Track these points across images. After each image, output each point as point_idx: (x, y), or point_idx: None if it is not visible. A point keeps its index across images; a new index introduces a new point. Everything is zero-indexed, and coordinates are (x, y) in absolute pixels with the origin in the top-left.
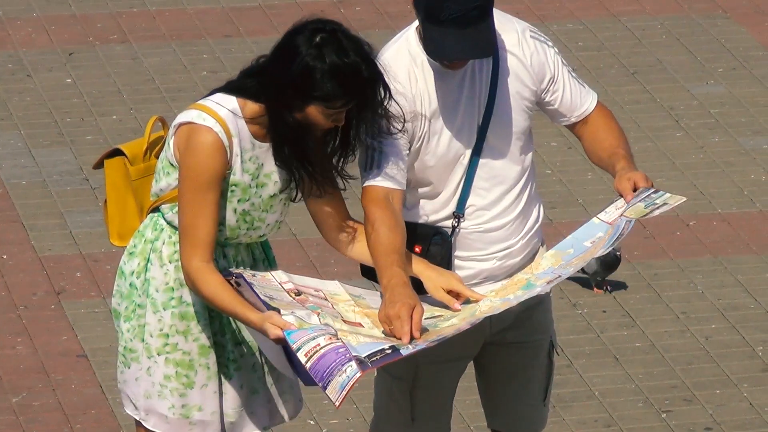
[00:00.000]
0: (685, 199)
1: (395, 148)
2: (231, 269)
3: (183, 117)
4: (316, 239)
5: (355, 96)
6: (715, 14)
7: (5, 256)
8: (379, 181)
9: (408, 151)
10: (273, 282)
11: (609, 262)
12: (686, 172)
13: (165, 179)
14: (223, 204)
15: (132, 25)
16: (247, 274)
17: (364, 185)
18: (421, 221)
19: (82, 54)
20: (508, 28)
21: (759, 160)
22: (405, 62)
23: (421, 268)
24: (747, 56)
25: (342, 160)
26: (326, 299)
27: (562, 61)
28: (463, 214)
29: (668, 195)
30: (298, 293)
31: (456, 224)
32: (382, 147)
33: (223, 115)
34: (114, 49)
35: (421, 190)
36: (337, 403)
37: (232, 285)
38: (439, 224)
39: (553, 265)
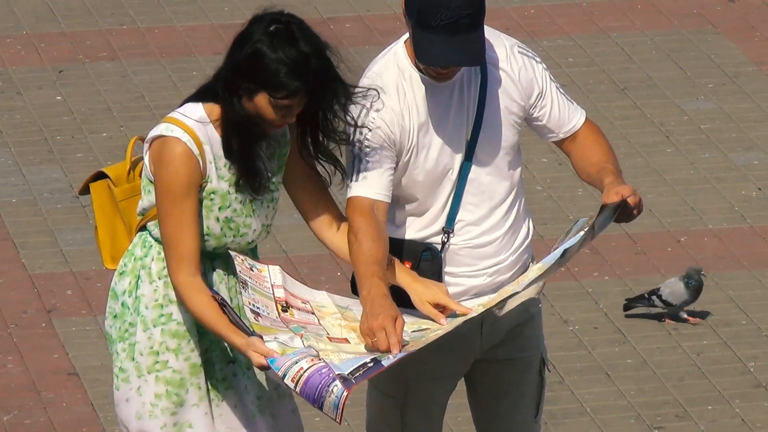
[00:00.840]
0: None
1: (381, 160)
2: (216, 291)
3: (153, 132)
4: (307, 256)
5: (302, 87)
6: (705, 30)
7: None
8: (363, 192)
9: (395, 165)
10: (266, 282)
11: (696, 287)
12: (677, 188)
13: (147, 197)
14: (205, 214)
15: (121, 43)
16: (245, 267)
17: (349, 196)
18: (410, 237)
19: (72, 71)
20: (497, 43)
21: (749, 176)
22: (393, 75)
23: (408, 280)
24: (737, 72)
25: (322, 148)
26: (313, 312)
27: (551, 77)
28: (453, 230)
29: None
30: (286, 308)
31: (446, 240)
32: (368, 158)
33: (190, 124)
34: (104, 67)
35: (409, 206)
36: (337, 420)
37: (217, 303)
38: (429, 240)
39: (536, 271)
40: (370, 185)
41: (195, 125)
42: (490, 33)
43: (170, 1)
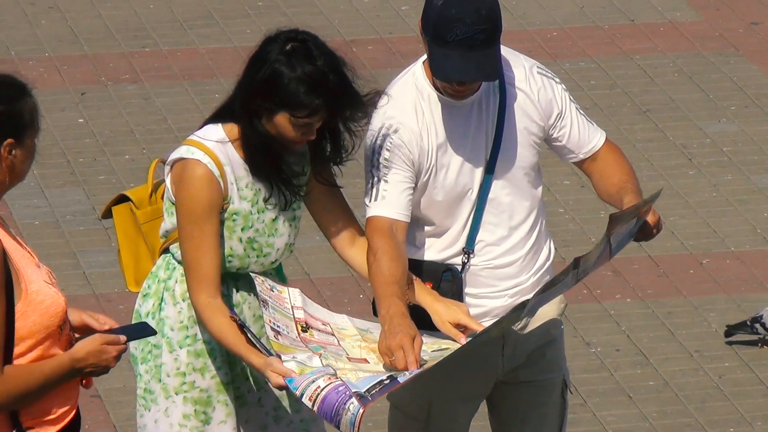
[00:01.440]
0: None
1: (400, 180)
2: (235, 312)
3: (174, 154)
4: (330, 278)
5: (322, 105)
6: (728, 52)
7: None
8: (382, 212)
9: (414, 184)
10: (286, 303)
11: None
12: (699, 210)
13: (169, 219)
14: (228, 235)
15: (144, 65)
16: (265, 287)
17: (368, 216)
18: (430, 258)
19: (94, 94)
20: (516, 64)
21: None
22: (411, 96)
23: (429, 300)
24: (759, 94)
25: (338, 159)
26: (333, 334)
27: (570, 98)
28: (473, 250)
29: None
30: (305, 328)
31: (466, 260)
32: (387, 178)
33: (210, 146)
34: (126, 89)
35: (429, 227)
36: None
37: (237, 324)
38: (449, 261)
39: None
40: (389, 205)
41: (215, 147)
42: (509, 53)
43: (193, 23)
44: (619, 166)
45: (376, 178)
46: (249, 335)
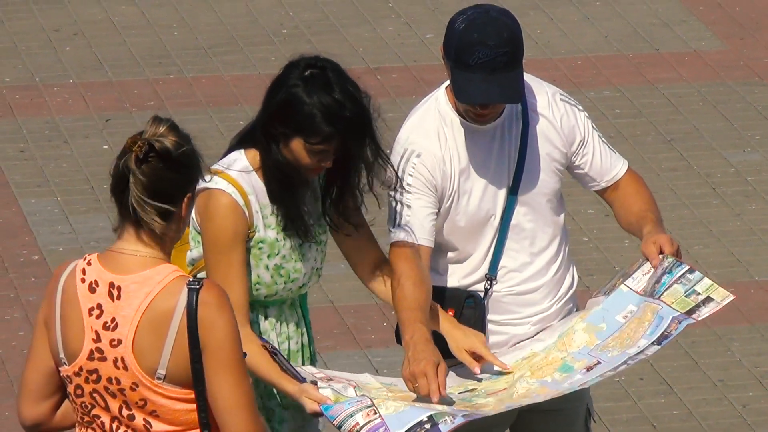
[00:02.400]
0: (733, 297)
1: (423, 205)
2: (265, 339)
3: (199, 184)
4: (354, 306)
5: (336, 133)
6: (752, 81)
7: None
8: (406, 238)
9: (437, 210)
10: (304, 373)
11: None
12: (723, 240)
13: (196, 248)
14: (255, 263)
15: (168, 92)
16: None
17: (392, 241)
18: (453, 285)
19: (119, 120)
20: (539, 90)
21: None
22: (434, 120)
23: (447, 327)
24: None
25: (341, 205)
26: (358, 387)
27: (593, 126)
28: (496, 277)
29: (709, 282)
30: (331, 379)
31: (488, 287)
32: (410, 203)
33: (234, 175)
34: (150, 116)
35: (452, 253)
36: None
37: (268, 351)
38: (472, 287)
39: (588, 344)
40: (412, 230)
41: (239, 176)
42: (532, 80)
43: (217, 50)
44: (640, 195)
45: (399, 204)
46: (282, 362)
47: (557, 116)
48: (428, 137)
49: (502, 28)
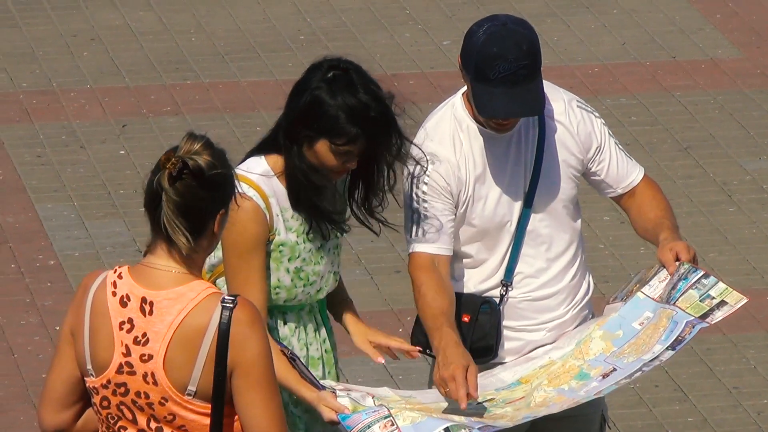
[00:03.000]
0: (746, 300)
1: (439, 213)
2: (284, 345)
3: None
4: (369, 312)
5: (361, 134)
6: None
7: (58, 328)
8: (424, 248)
9: (453, 216)
10: (324, 382)
11: None
12: (739, 247)
13: (215, 253)
14: (275, 266)
15: (185, 97)
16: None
17: (410, 252)
18: (469, 291)
19: (136, 126)
20: (556, 97)
21: None
22: (450, 126)
23: (349, 320)
24: None
25: (367, 204)
26: (377, 397)
27: (609, 133)
28: (511, 283)
29: (723, 286)
30: (349, 390)
31: (504, 293)
32: (426, 212)
33: (254, 179)
34: (167, 121)
35: (467, 259)
36: None
37: (287, 357)
38: (487, 293)
39: (604, 351)
40: (430, 240)
41: (259, 179)
42: (548, 87)
43: (234, 56)
44: (656, 202)
45: (415, 213)
46: (301, 368)
47: (574, 123)
48: (443, 143)
49: (521, 41)
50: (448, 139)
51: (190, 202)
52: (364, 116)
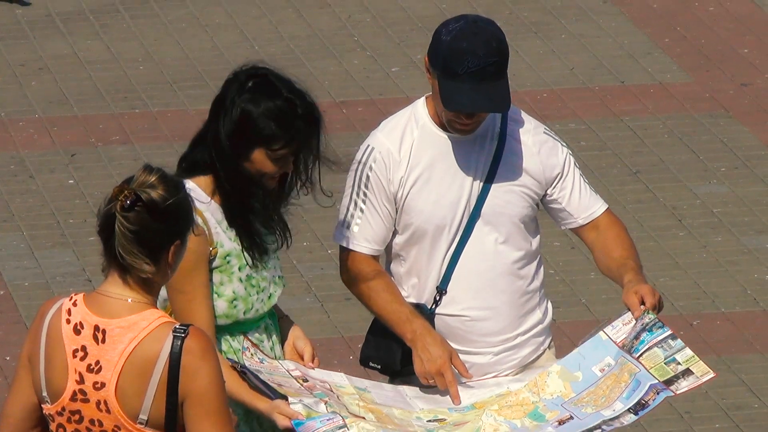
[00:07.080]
0: (713, 375)
1: (377, 209)
2: (233, 360)
3: None
4: (319, 339)
5: (295, 134)
6: (718, 113)
7: (8, 358)
8: (360, 248)
9: (391, 214)
10: (281, 369)
11: None
12: (689, 272)
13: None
14: (228, 279)
15: (134, 126)
16: (255, 360)
17: (348, 247)
18: (404, 296)
19: (84, 155)
20: (523, 119)
21: (762, 260)
22: (402, 121)
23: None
24: (749, 156)
25: (287, 197)
26: (332, 390)
27: (575, 164)
28: (446, 290)
29: (690, 353)
30: (306, 380)
31: (438, 298)
32: (364, 206)
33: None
34: (116, 150)
35: (402, 262)
36: None
37: (237, 371)
38: (422, 301)
39: (562, 395)
40: (364, 237)
41: (194, 193)
42: (518, 111)
43: (183, 85)
44: (621, 241)
45: (353, 204)
46: (252, 380)
47: (537, 144)
48: (390, 137)
49: (491, 38)
50: (398, 133)
51: (142, 234)
52: (294, 116)
